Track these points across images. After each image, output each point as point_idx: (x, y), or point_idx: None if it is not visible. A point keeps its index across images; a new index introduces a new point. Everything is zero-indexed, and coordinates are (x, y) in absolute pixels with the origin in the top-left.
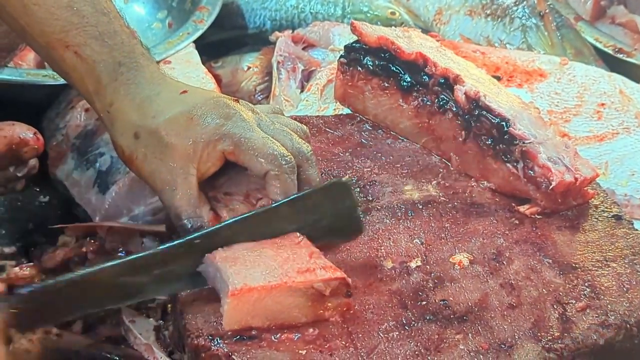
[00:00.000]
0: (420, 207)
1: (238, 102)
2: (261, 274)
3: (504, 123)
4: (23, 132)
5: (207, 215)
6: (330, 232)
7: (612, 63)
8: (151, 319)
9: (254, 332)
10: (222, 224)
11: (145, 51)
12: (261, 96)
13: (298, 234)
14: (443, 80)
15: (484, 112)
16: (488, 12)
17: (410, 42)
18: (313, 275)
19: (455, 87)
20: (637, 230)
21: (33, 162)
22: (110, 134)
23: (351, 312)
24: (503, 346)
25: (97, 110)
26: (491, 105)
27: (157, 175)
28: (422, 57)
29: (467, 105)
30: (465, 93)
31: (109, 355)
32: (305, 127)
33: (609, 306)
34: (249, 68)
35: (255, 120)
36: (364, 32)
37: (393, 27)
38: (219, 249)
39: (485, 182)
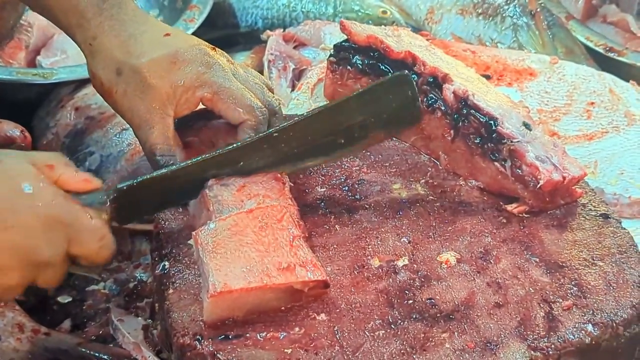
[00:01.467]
0: (408, 205)
1: (215, 50)
2: (241, 272)
3: (492, 122)
4: (10, 129)
5: (180, 154)
6: (393, 121)
7: (603, 62)
8: (140, 318)
9: (239, 332)
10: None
11: None
12: None
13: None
14: (432, 79)
15: (473, 111)
16: (479, 11)
17: (399, 41)
18: (293, 276)
19: (443, 86)
20: (624, 229)
21: None
22: (89, 65)
23: (332, 301)
24: (489, 345)
25: (77, 42)
26: (479, 104)
27: (136, 112)
28: (411, 56)
29: (455, 104)
30: (453, 92)
31: (97, 354)
32: (269, 82)
33: (595, 305)
34: None
35: (232, 71)
36: (353, 31)
37: (383, 27)
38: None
39: (473, 180)
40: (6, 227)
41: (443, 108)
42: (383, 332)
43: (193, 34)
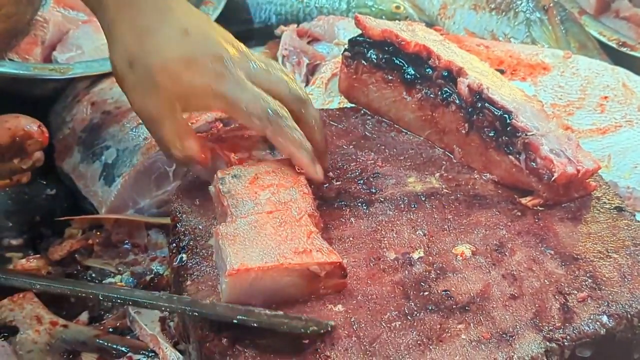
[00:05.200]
0: (423, 199)
1: (235, 47)
2: (259, 254)
3: (506, 115)
4: (27, 124)
5: (195, 145)
6: None
7: (616, 57)
8: (156, 310)
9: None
10: None
11: None
12: None
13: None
14: (446, 73)
15: (487, 105)
16: (492, 6)
17: (414, 36)
18: (309, 257)
19: (458, 79)
20: (638, 221)
21: (38, 154)
22: (109, 47)
23: (348, 293)
24: (505, 336)
25: (100, 22)
26: (494, 97)
27: (145, 108)
28: (426, 50)
29: (470, 97)
30: (468, 85)
31: (115, 346)
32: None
33: (610, 297)
34: None
35: (249, 72)
36: (368, 25)
37: (397, 21)
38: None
39: (487, 174)
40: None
41: (457, 102)
42: (399, 323)
43: None
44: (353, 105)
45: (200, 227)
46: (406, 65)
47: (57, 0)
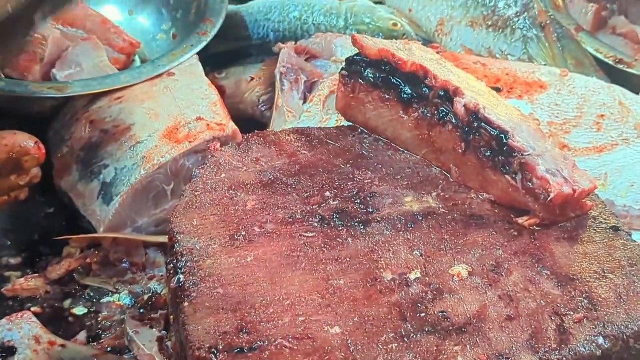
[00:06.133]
0: (420, 218)
1: None
2: None
3: (503, 135)
4: (24, 141)
5: None
6: None
7: (613, 73)
8: (154, 329)
9: (254, 345)
10: None
11: None
12: (264, 107)
13: None
14: (443, 93)
15: (483, 124)
16: (489, 23)
17: (410, 55)
18: None
19: (455, 99)
20: (635, 241)
21: (35, 170)
22: None
23: (345, 314)
24: (501, 358)
25: None
26: (490, 117)
27: None
28: (423, 70)
29: (466, 117)
30: (464, 105)
31: None
32: None
33: (606, 318)
34: (252, 79)
35: None
36: (365, 45)
37: (394, 40)
38: None
39: (484, 193)
40: None
41: (454, 121)
42: (396, 345)
43: (207, 46)
44: (350, 123)
45: (197, 247)
46: (403, 85)
47: (56, 18)
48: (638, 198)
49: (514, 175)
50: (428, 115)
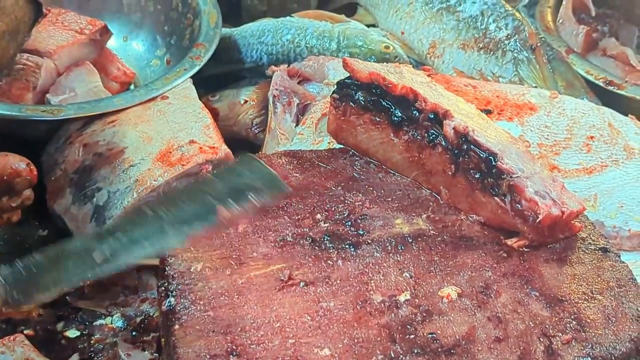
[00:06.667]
0: (410, 240)
1: None
2: None
3: (491, 157)
4: (16, 162)
5: None
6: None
7: (603, 95)
8: (146, 352)
9: None
10: None
11: None
12: (258, 129)
13: None
14: (433, 115)
15: (473, 147)
16: (481, 45)
17: (401, 78)
18: None
19: (444, 122)
20: (623, 262)
21: (27, 192)
22: None
23: (335, 336)
24: None
25: None
26: (479, 139)
27: None
28: (412, 93)
29: (456, 140)
30: (454, 128)
31: None
32: None
33: (594, 339)
34: (245, 102)
35: None
36: (356, 68)
37: (384, 64)
38: None
39: (474, 215)
40: None
41: (444, 143)
42: None
43: (200, 70)
44: (342, 146)
45: (188, 270)
46: (393, 108)
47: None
48: (627, 219)
49: (503, 197)
50: (418, 137)
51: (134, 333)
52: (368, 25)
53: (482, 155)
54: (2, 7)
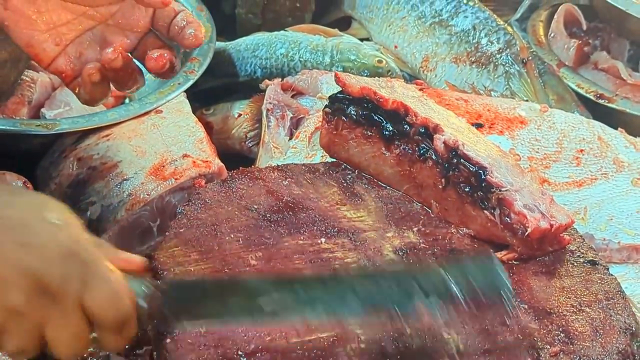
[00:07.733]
0: (401, 253)
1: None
2: None
3: (481, 171)
4: (13, 181)
5: None
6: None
7: (594, 108)
8: None
9: None
10: None
11: None
12: (252, 143)
13: None
14: (423, 130)
15: (463, 161)
16: (473, 59)
17: (392, 92)
18: None
19: (434, 136)
20: (611, 275)
21: None
22: None
23: None
24: None
25: None
26: (469, 153)
27: None
28: (403, 107)
29: (446, 153)
30: (444, 142)
31: None
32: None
33: (582, 351)
34: (239, 115)
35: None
36: (347, 82)
37: (376, 78)
38: None
39: (464, 228)
40: (23, 244)
41: (434, 157)
42: None
43: (194, 84)
44: (334, 159)
45: None
46: (385, 122)
47: None
48: (617, 231)
49: (492, 211)
50: (409, 151)
51: (126, 346)
52: (362, 39)
53: (471, 169)
54: (5, 37)
